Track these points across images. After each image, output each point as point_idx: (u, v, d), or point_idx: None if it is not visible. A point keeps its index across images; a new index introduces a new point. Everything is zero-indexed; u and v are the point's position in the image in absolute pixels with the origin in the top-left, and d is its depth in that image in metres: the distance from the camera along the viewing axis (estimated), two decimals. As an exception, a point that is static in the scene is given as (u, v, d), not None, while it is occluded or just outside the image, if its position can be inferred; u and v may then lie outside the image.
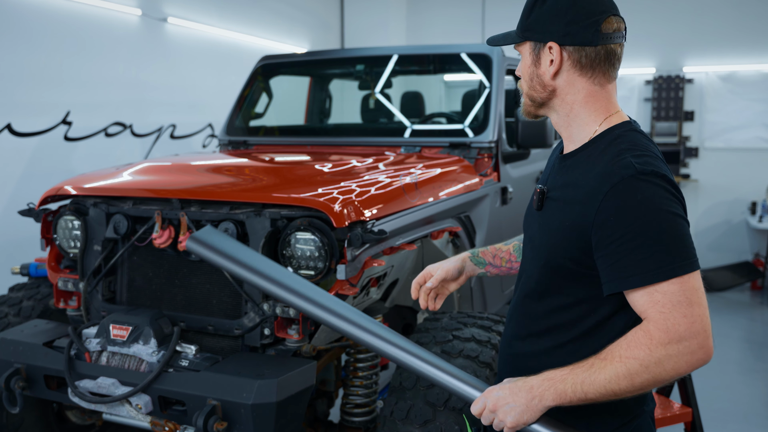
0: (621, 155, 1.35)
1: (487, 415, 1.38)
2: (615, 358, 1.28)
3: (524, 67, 1.49)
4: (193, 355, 2.34)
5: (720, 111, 7.80)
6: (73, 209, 2.68)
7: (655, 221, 1.27)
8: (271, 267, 1.84)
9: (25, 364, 2.45)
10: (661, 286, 1.26)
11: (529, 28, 1.46)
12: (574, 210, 1.37)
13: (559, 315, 1.46)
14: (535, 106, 1.52)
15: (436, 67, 4.35)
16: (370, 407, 2.68)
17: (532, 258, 1.51)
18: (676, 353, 1.25)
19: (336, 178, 2.71)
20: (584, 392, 1.29)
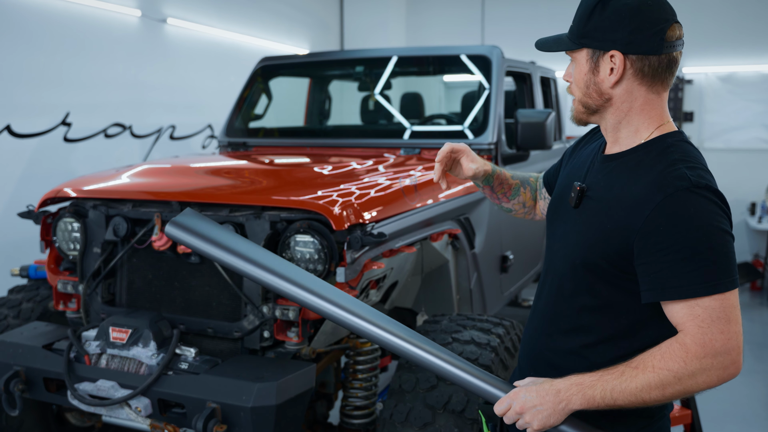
0: (674, 165, 1.34)
1: (512, 415, 1.41)
2: (648, 368, 1.30)
3: (579, 74, 1.46)
4: (193, 357, 2.34)
5: (719, 112, 7.80)
6: (73, 211, 2.68)
7: (705, 236, 1.28)
8: (259, 252, 1.82)
9: (24, 366, 2.45)
10: (703, 301, 1.27)
11: (587, 35, 1.42)
12: (619, 214, 1.37)
13: (590, 315, 1.46)
14: (588, 114, 1.49)
15: (436, 69, 4.36)
16: (369, 409, 2.68)
17: (564, 255, 1.51)
18: (709, 367, 1.27)
19: (335, 181, 2.71)
20: (613, 399, 1.31)
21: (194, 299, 2.54)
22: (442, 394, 2.21)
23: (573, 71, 1.49)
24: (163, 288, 2.60)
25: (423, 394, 2.23)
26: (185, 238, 1.81)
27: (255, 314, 2.38)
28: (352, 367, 2.68)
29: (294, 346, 2.36)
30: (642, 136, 1.44)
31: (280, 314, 2.33)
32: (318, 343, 2.41)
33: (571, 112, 1.54)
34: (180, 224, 1.83)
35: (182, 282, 2.56)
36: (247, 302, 2.38)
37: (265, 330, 2.38)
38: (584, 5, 1.44)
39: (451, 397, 2.20)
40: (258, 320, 2.37)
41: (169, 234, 1.82)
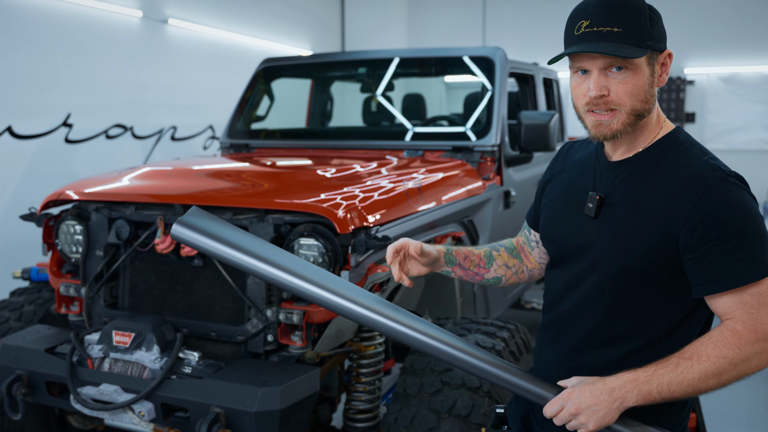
0: (701, 158, 1.38)
1: (565, 416, 1.39)
2: (702, 358, 1.32)
3: (639, 80, 1.38)
4: (196, 361, 2.32)
5: (721, 112, 7.80)
6: (75, 214, 2.67)
7: (749, 223, 1.32)
8: (273, 251, 1.68)
9: (26, 370, 2.44)
10: (751, 288, 1.31)
11: (653, 38, 1.37)
12: (658, 214, 1.37)
13: (629, 323, 1.45)
14: (635, 122, 1.41)
15: (438, 70, 4.35)
16: (373, 413, 2.67)
17: (593, 266, 1.47)
18: (761, 351, 1.31)
19: (339, 184, 2.70)
20: (670, 392, 1.33)
21: (197, 302, 2.52)
22: (447, 399, 2.20)
23: (617, 81, 1.38)
24: (166, 291, 2.58)
25: (428, 398, 2.22)
26: (193, 239, 1.67)
27: (259, 318, 2.36)
28: (355, 370, 2.66)
29: (298, 349, 2.35)
30: (653, 134, 1.45)
31: (284, 318, 2.31)
32: (322, 347, 2.40)
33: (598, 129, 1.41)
34: (187, 224, 1.69)
35: (185, 285, 2.55)
36: (251, 306, 2.37)
37: (268, 334, 2.36)
38: (635, 10, 1.36)
39: (456, 402, 2.19)
40: (262, 324, 2.36)
41: (175, 235, 1.70)
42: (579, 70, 1.42)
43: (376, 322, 1.54)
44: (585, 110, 1.42)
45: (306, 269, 1.64)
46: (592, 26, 1.35)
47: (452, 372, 2.29)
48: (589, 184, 1.51)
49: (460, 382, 2.25)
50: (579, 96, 1.43)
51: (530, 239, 1.77)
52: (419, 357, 2.41)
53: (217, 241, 1.65)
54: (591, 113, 1.41)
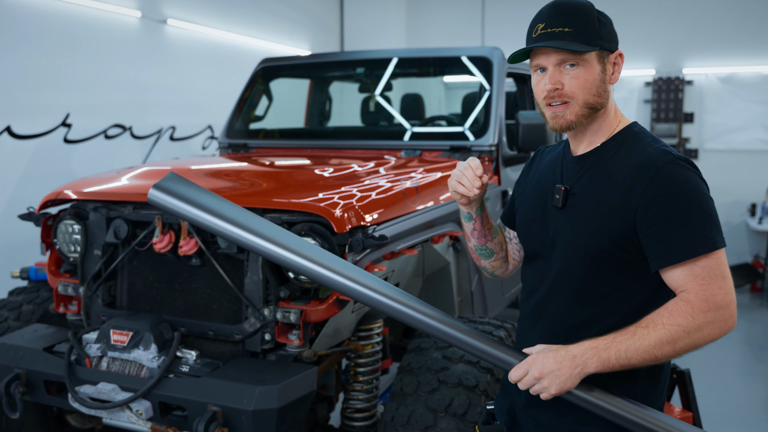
0: (653, 146, 1.52)
1: (530, 380, 1.48)
2: (658, 326, 1.41)
3: (590, 75, 1.52)
4: (194, 360, 2.33)
5: (720, 113, 7.80)
6: (74, 213, 2.68)
7: (696, 201, 1.44)
8: (247, 216, 1.74)
9: (25, 369, 2.44)
10: (701, 261, 1.42)
11: (601, 37, 1.52)
12: (616, 197, 1.49)
13: (599, 305, 1.55)
14: (590, 114, 1.55)
15: (436, 70, 4.35)
16: (370, 412, 2.67)
17: (564, 253, 1.58)
18: (713, 320, 1.41)
19: (337, 183, 2.70)
20: (628, 358, 1.42)
21: (195, 302, 2.53)
22: (443, 397, 2.21)
23: (570, 77, 1.52)
24: (163, 290, 2.59)
25: (425, 397, 2.23)
26: (169, 203, 1.71)
27: (256, 317, 2.37)
28: (353, 369, 2.67)
29: (295, 348, 2.35)
30: (611, 128, 1.59)
31: (281, 317, 2.32)
32: (319, 346, 2.41)
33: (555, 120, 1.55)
34: (163, 188, 1.72)
35: (183, 284, 2.56)
36: (248, 305, 2.38)
37: (266, 333, 2.37)
38: (584, 13, 1.52)
39: (452, 400, 2.20)
40: (259, 323, 2.37)
41: (151, 199, 1.72)
42: (538, 69, 1.56)
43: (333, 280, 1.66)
44: (544, 104, 1.57)
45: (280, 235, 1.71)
46: (546, 28, 1.52)
47: (449, 371, 2.30)
48: (557, 178, 1.64)
49: (456, 381, 2.25)
50: (539, 92, 1.57)
51: (506, 236, 1.91)
52: (416, 356, 2.42)
53: (192, 205, 1.70)
54: (549, 107, 1.56)
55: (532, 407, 1.65)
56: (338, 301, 2.32)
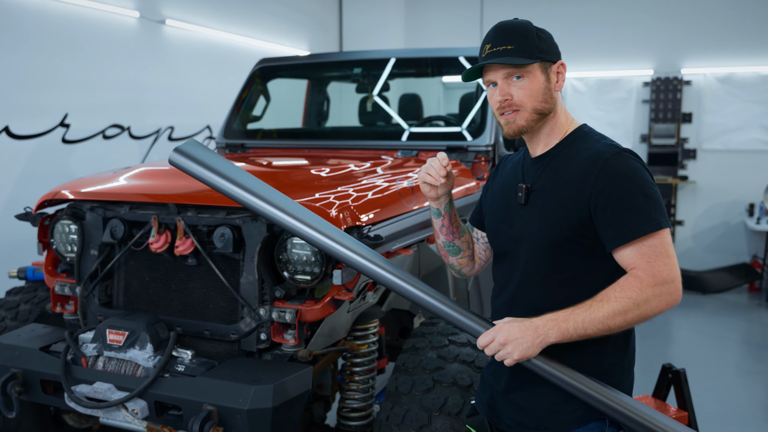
0: (600, 141, 1.70)
1: (495, 346, 1.63)
2: (611, 299, 1.57)
3: (535, 85, 1.71)
4: (189, 360, 2.34)
5: (718, 113, 7.81)
6: (70, 213, 2.69)
7: (640, 187, 1.60)
8: (258, 184, 1.96)
9: (21, 368, 2.45)
10: (647, 241, 1.57)
11: (541, 51, 1.71)
12: (571, 189, 1.65)
13: (563, 290, 1.69)
14: (539, 119, 1.73)
15: (434, 70, 4.36)
16: (366, 411, 2.68)
17: (528, 246, 1.73)
18: (660, 294, 1.56)
19: (333, 183, 2.71)
20: (584, 329, 1.57)
21: (191, 301, 2.54)
22: (438, 397, 2.22)
23: (517, 88, 1.70)
24: (160, 290, 2.60)
25: (419, 396, 2.23)
26: (189, 166, 1.94)
27: (252, 316, 2.38)
28: (349, 369, 2.68)
29: (291, 348, 2.36)
30: (563, 130, 1.77)
31: (276, 316, 2.33)
32: (315, 346, 2.42)
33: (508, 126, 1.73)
34: (184, 152, 1.95)
35: (179, 284, 2.56)
36: (244, 304, 2.39)
37: (261, 332, 2.38)
38: (521, 30, 1.71)
39: (447, 400, 2.20)
40: (255, 322, 2.37)
41: (172, 161, 1.93)
42: (490, 84, 1.75)
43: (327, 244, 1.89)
44: (498, 114, 1.75)
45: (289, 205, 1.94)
46: (492, 47, 1.71)
47: (444, 370, 2.30)
48: (519, 179, 1.81)
49: (451, 380, 2.26)
50: (493, 104, 1.76)
51: (473, 236, 2.06)
52: (412, 356, 2.42)
53: (208, 169, 1.95)
54: (502, 116, 1.74)
55: (512, 392, 1.79)
56: (333, 301, 2.33)
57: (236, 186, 1.95)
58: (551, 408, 1.72)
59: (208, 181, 1.95)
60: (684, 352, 5.58)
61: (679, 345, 5.85)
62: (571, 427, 1.70)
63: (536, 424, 1.74)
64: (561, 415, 1.71)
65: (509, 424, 1.81)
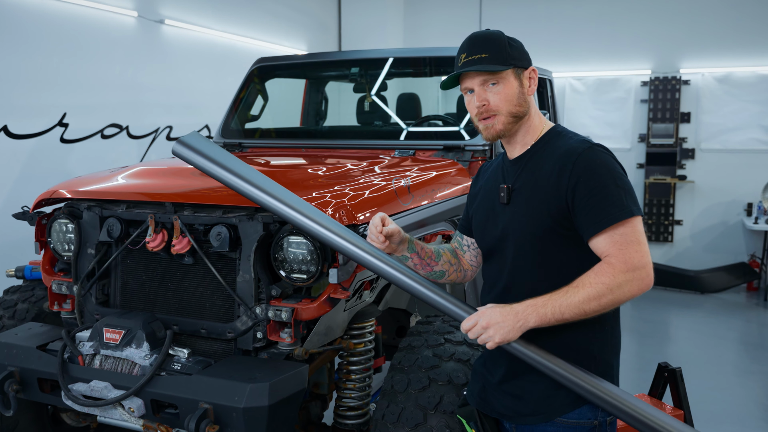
0: (573, 138, 1.82)
1: (478, 329, 1.70)
2: (586, 285, 1.65)
3: (510, 90, 1.81)
4: (186, 358, 2.34)
5: (716, 112, 7.81)
6: (67, 212, 2.69)
7: (611, 178, 1.69)
8: (256, 174, 2.05)
9: (18, 367, 2.45)
10: (619, 229, 1.66)
11: (513, 58, 1.81)
12: (549, 181, 1.74)
13: (547, 279, 1.76)
14: (515, 122, 1.84)
15: (432, 70, 4.36)
16: (363, 410, 2.69)
17: (513, 241, 1.82)
18: (631, 279, 1.63)
19: (330, 182, 2.71)
20: (561, 313, 1.65)
21: (187, 300, 2.54)
22: (433, 395, 2.22)
23: (492, 93, 1.80)
24: (156, 289, 2.60)
25: (415, 394, 2.24)
26: (191, 157, 2.05)
27: (248, 315, 2.38)
28: (345, 367, 2.69)
29: (287, 346, 2.36)
30: (538, 132, 1.87)
31: (273, 315, 2.33)
32: (311, 344, 2.42)
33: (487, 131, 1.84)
34: (185, 144, 2.06)
35: (176, 283, 2.57)
36: (240, 303, 2.39)
37: (258, 331, 2.38)
38: (496, 41, 1.82)
39: (442, 398, 2.21)
40: (251, 321, 2.38)
41: (175, 152, 2.03)
42: (467, 91, 1.85)
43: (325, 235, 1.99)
44: (477, 120, 1.85)
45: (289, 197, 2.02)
46: (468, 56, 1.82)
47: (439, 369, 2.31)
48: (500, 180, 1.90)
49: (446, 378, 2.27)
50: (471, 110, 1.86)
51: (462, 244, 2.13)
52: (407, 354, 2.43)
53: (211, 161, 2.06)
54: (481, 121, 1.84)
55: (505, 383, 1.86)
56: (330, 300, 2.34)
57: (237, 177, 2.03)
58: (545, 393, 1.79)
59: (209, 171, 2.04)
60: (682, 351, 5.58)
61: (677, 344, 5.86)
62: (566, 410, 1.78)
63: (531, 410, 1.81)
64: (555, 400, 1.78)
65: (502, 412, 1.88)
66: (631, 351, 5.44)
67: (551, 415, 1.78)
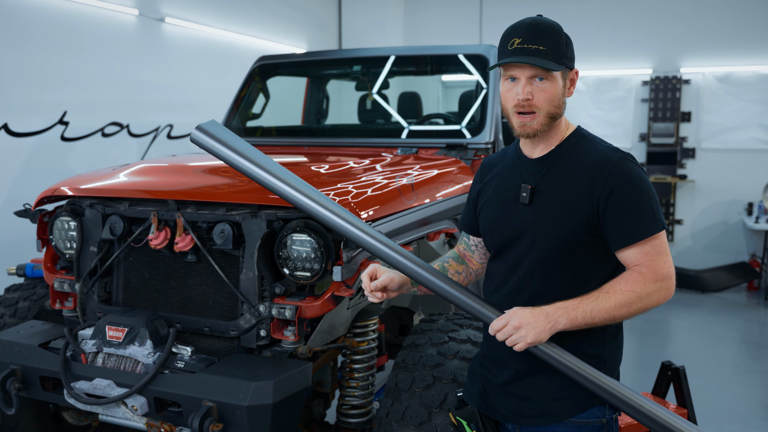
0: (602, 145, 1.79)
1: (509, 329, 1.68)
2: (617, 292, 1.67)
3: (556, 90, 1.74)
4: (189, 356, 2.33)
5: (717, 112, 7.81)
6: (70, 210, 2.68)
7: (645, 191, 1.70)
8: (272, 164, 2.07)
9: (20, 365, 2.44)
10: (651, 241, 1.69)
11: (567, 57, 1.76)
12: (581, 190, 1.72)
13: (566, 287, 1.75)
14: (549, 123, 1.77)
15: (434, 68, 4.36)
16: (366, 408, 2.68)
17: (532, 243, 1.78)
18: (659, 289, 1.68)
19: (333, 180, 2.71)
20: (592, 317, 1.67)
21: (191, 298, 2.53)
22: (438, 393, 2.21)
23: (539, 89, 1.73)
24: (159, 287, 2.59)
25: (419, 393, 2.23)
26: (210, 144, 2.07)
27: (251, 313, 2.38)
28: (348, 366, 2.68)
29: (290, 344, 2.36)
30: (561, 135, 1.82)
31: (276, 313, 2.32)
32: (314, 342, 2.41)
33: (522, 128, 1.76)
34: (205, 131, 2.08)
35: (179, 281, 2.56)
36: (244, 301, 2.38)
37: (261, 329, 2.37)
38: (555, 35, 1.74)
39: (447, 396, 2.20)
40: (254, 319, 2.37)
41: (194, 139, 2.05)
42: (509, 78, 1.76)
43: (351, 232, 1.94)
44: (513, 111, 1.76)
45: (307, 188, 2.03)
46: (522, 43, 1.71)
47: (444, 367, 2.30)
48: (519, 180, 1.84)
49: (451, 377, 2.26)
50: (509, 99, 1.77)
51: (470, 245, 2.10)
52: (411, 352, 2.42)
53: (227, 147, 2.07)
54: (518, 115, 1.76)
55: (511, 384, 1.84)
56: (333, 298, 2.33)
57: (255, 165, 2.04)
58: (553, 396, 1.78)
59: (227, 158, 2.05)
60: (683, 350, 5.58)
61: (678, 344, 5.86)
62: (574, 413, 1.77)
63: (538, 412, 1.80)
64: (563, 402, 1.78)
65: (505, 415, 1.85)
66: (631, 350, 5.44)
67: (561, 416, 1.78)
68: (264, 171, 2.04)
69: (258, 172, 2.04)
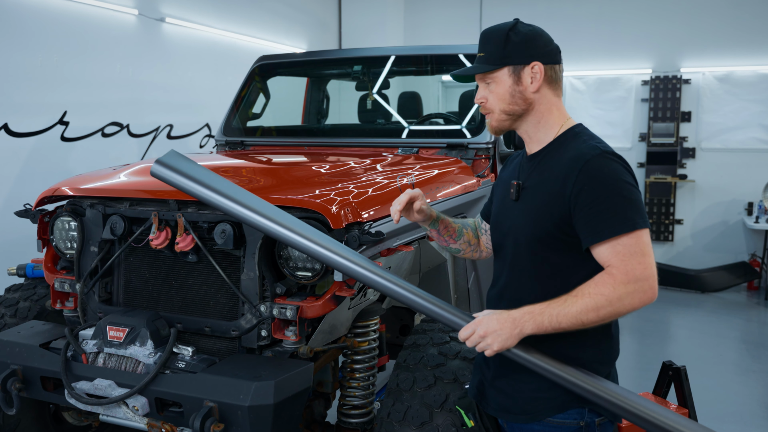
0: (586, 142, 1.74)
1: (476, 338, 1.69)
2: (585, 295, 1.61)
3: (502, 89, 1.79)
4: (190, 356, 2.33)
5: (717, 112, 7.81)
6: (70, 210, 2.68)
7: (617, 188, 1.64)
8: (238, 191, 2.03)
9: (21, 365, 2.44)
10: (622, 240, 1.61)
11: (508, 56, 1.78)
12: (556, 185, 1.71)
13: (546, 283, 1.75)
14: (511, 120, 1.83)
15: (434, 68, 4.36)
16: (367, 408, 2.68)
17: (515, 239, 1.81)
18: (632, 291, 1.59)
19: (333, 180, 2.71)
20: (558, 322, 1.62)
21: (191, 298, 2.53)
22: (439, 393, 2.21)
23: (488, 91, 1.81)
24: (160, 287, 2.59)
25: (420, 393, 2.23)
26: (171, 177, 2.00)
27: (252, 313, 2.37)
28: (349, 366, 2.68)
29: (291, 345, 2.35)
30: (555, 131, 1.82)
31: (277, 313, 2.32)
32: (315, 342, 2.41)
33: (488, 126, 1.87)
34: (165, 164, 2.01)
35: (179, 281, 2.56)
36: (245, 301, 2.38)
37: (262, 329, 2.37)
38: (494, 36, 1.80)
39: (448, 396, 2.20)
40: (255, 319, 2.37)
41: (155, 173, 1.98)
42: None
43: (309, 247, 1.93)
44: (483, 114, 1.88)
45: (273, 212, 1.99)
46: (477, 53, 1.83)
47: (445, 367, 2.30)
48: (515, 176, 1.89)
49: (452, 376, 2.26)
50: None
51: (482, 228, 2.18)
52: (413, 352, 2.42)
53: (190, 179, 2.01)
54: (486, 116, 1.87)
55: (498, 379, 1.87)
56: (334, 298, 2.33)
57: (219, 195, 1.98)
58: (533, 395, 1.80)
59: (190, 191, 1.99)
60: (683, 350, 5.58)
61: (678, 343, 5.86)
62: (552, 413, 1.77)
63: (519, 409, 1.82)
64: (542, 402, 1.78)
65: (495, 408, 1.89)
66: (632, 350, 5.44)
67: (539, 415, 1.78)
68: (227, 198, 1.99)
69: (221, 200, 1.99)
